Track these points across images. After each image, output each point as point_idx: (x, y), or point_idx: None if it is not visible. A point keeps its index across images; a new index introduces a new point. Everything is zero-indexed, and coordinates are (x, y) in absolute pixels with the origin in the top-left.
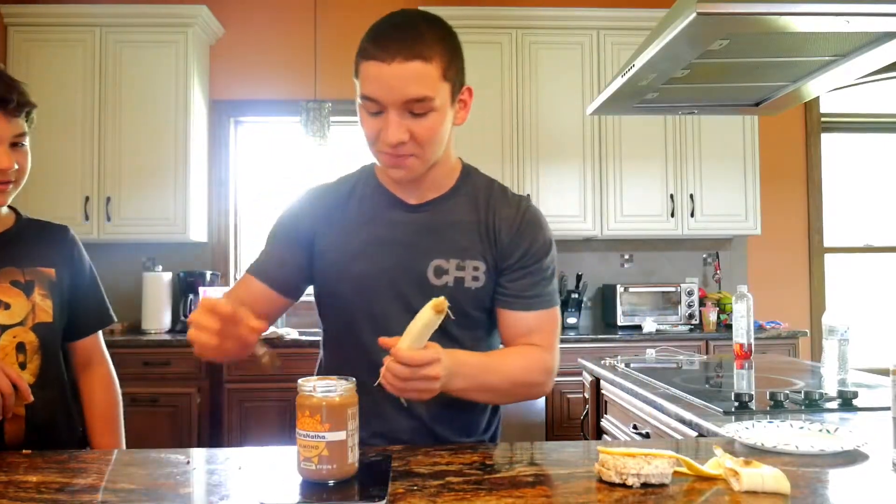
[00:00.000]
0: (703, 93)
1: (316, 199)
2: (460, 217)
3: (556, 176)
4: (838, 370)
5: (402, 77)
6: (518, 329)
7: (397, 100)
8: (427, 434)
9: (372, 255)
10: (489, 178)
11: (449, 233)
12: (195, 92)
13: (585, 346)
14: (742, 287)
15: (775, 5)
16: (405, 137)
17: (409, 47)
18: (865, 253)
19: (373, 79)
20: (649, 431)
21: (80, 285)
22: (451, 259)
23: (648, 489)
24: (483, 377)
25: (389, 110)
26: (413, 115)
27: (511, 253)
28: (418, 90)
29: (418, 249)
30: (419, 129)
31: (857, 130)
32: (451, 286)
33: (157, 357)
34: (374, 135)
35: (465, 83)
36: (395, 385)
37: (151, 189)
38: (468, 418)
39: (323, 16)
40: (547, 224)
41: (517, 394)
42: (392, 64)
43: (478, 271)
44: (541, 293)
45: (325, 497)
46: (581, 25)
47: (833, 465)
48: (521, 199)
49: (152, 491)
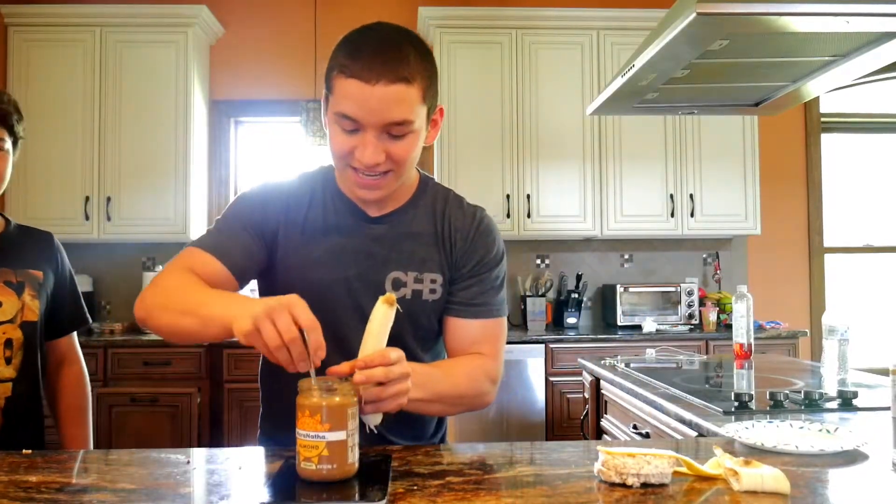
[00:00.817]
0: (703, 93)
1: (281, 195)
2: (418, 229)
3: (556, 176)
4: (838, 370)
5: (385, 100)
6: (465, 338)
7: (377, 122)
8: (381, 443)
9: (331, 264)
10: (445, 189)
11: (407, 245)
12: (195, 92)
13: (585, 346)
14: (742, 287)
15: (775, 5)
16: (381, 159)
17: (394, 69)
18: (865, 253)
19: (353, 98)
20: (649, 431)
21: (61, 288)
22: (409, 272)
23: (648, 489)
24: (433, 386)
25: (367, 130)
26: (390, 137)
27: (465, 263)
28: (400, 114)
29: (377, 261)
30: (396, 150)
31: (857, 130)
32: (409, 298)
33: (157, 357)
34: (347, 152)
35: (437, 103)
36: (370, 398)
37: (151, 189)
38: (419, 424)
39: (323, 16)
40: (499, 234)
41: (463, 404)
42: (376, 86)
43: (435, 283)
44: (489, 302)
45: (325, 497)
46: (581, 25)
47: (833, 465)
48: (476, 209)
49: (152, 491)
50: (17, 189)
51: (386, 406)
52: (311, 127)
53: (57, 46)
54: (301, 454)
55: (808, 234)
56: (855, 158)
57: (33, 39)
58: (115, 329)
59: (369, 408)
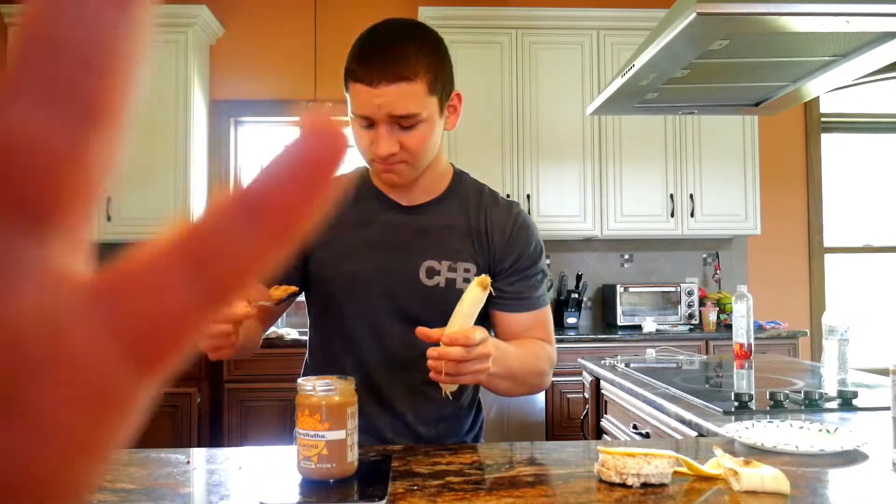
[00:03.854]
0: (703, 93)
1: None
2: (452, 220)
3: (556, 176)
4: (838, 370)
5: (388, 99)
6: (517, 328)
7: (385, 117)
8: (409, 434)
9: (365, 256)
10: (480, 183)
11: (441, 235)
12: (195, 92)
13: (585, 346)
14: (742, 287)
15: (775, 5)
16: (395, 149)
17: (392, 69)
18: (865, 253)
19: (360, 99)
20: (649, 431)
21: None
22: (442, 261)
23: (648, 489)
24: (507, 361)
25: (379, 125)
26: (402, 129)
27: (505, 257)
28: (405, 108)
29: (410, 251)
30: (409, 140)
31: (857, 130)
32: (443, 287)
33: None
34: (366, 146)
35: (453, 89)
36: (450, 371)
37: (152, 189)
38: (453, 418)
39: (323, 16)
40: (536, 228)
41: (528, 383)
42: (378, 87)
43: (469, 273)
44: (537, 295)
45: (325, 496)
46: (581, 25)
47: (833, 465)
48: (512, 203)
49: (152, 491)
50: None
51: (462, 380)
52: None
53: None
54: (301, 453)
55: (808, 234)
56: (855, 158)
57: None
58: None
59: (447, 378)
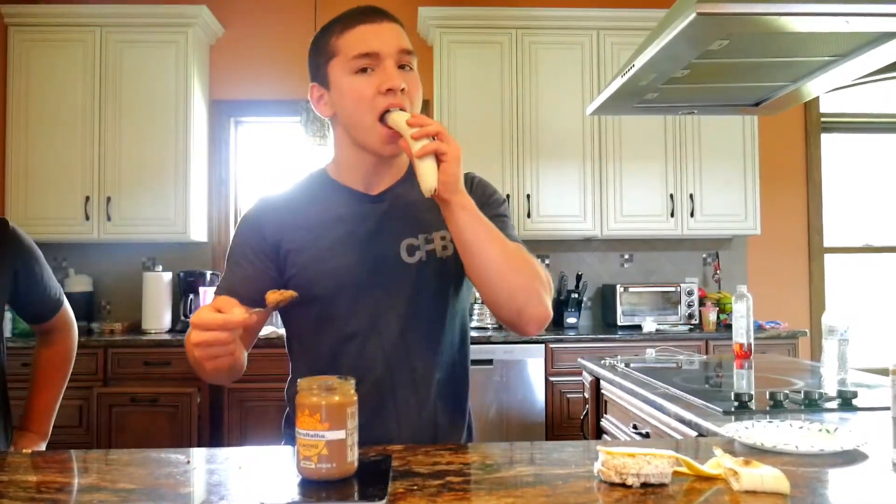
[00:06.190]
0: (703, 93)
1: (275, 207)
2: (417, 196)
3: (556, 176)
4: (838, 370)
5: (393, 32)
6: None
7: (394, 49)
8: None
9: (346, 250)
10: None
11: (410, 211)
12: (195, 92)
13: (585, 346)
14: (742, 287)
15: (775, 5)
16: (405, 84)
17: (389, 16)
18: (865, 253)
19: (369, 36)
20: (649, 431)
21: (28, 277)
22: (419, 235)
23: (648, 489)
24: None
25: (386, 60)
26: (402, 70)
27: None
28: (408, 43)
29: (388, 235)
30: (410, 82)
31: (857, 130)
32: (425, 260)
33: (157, 357)
34: (371, 91)
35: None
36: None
37: (152, 189)
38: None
39: (323, 16)
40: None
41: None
42: (382, 23)
43: (445, 240)
44: (510, 233)
45: (325, 496)
46: (581, 25)
47: (833, 465)
48: (468, 172)
49: (152, 491)
50: (18, 189)
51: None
52: (311, 127)
53: (57, 46)
54: (300, 453)
55: (808, 234)
56: (855, 158)
57: (33, 39)
58: (116, 329)
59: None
